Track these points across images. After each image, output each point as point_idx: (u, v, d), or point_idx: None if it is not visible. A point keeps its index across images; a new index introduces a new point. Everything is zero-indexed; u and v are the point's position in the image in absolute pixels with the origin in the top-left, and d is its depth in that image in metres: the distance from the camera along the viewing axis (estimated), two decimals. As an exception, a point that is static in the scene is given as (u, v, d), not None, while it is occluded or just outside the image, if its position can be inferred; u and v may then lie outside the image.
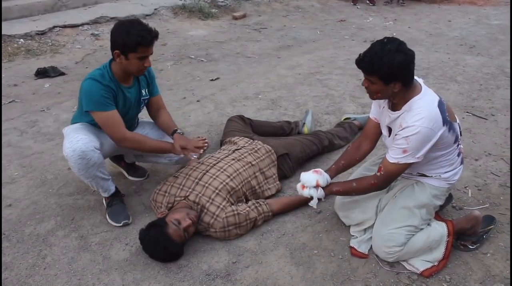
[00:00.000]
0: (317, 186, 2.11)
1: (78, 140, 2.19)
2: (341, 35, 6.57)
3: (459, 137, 2.04)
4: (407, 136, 1.86)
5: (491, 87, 4.36)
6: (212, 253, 2.23)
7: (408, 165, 1.95)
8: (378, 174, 2.01)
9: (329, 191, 2.14)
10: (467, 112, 3.78)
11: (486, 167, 2.94)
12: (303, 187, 2.14)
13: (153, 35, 2.18)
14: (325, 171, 2.18)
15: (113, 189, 2.48)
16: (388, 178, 2.02)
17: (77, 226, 2.44)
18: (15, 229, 2.41)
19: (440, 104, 1.90)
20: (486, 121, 3.62)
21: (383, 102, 2.08)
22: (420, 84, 1.95)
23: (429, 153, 1.94)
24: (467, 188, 2.71)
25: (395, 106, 1.98)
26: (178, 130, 2.46)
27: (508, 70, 4.82)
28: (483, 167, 2.94)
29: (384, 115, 2.07)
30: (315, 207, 2.17)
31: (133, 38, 2.12)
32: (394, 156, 1.94)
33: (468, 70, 4.85)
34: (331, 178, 2.18)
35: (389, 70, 1.78)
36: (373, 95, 1.95)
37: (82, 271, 2.12)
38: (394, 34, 6.56)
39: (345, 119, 3.49)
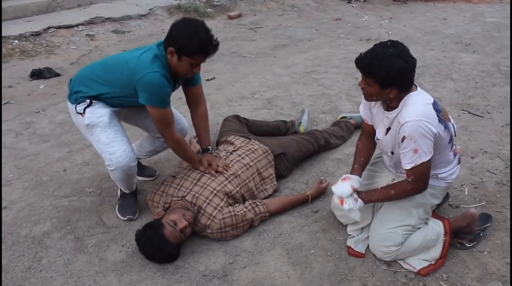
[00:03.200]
0: (354, 191, 2.05)
1: (124, 158, 2.23)
2: (337, 34, 6.57)
3: (453, 137, 2.04)
4: (409, 136, 1.82)
5: (487, 85, 4.36)
6: (209, 253, 2.22)
7: (428, 162, 1.88)
8: (410, 179, 1.94)
9: (368, 200, 2.08)
10: (463, 110, 3.79)
11: (483, 164, 2.95)
12: (342, 201, 2.05)
13: (214, 46, 2.09)
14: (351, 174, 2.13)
15: (134, 187, 2.53)
16: (422, 179, 1.94)
17: (73, 227, 2.42)
18: (10, 232, 2.40)
19: (435, 104, 1.89)
20: (482, 119, 3.62)
21: (374, 104, 2.07)
22: (415, 85, 1.94)
23: None
24: (464, 186, 2.71)
25: (390, 106, 1.96)
26: (210, 151, 2.57)
27: (504, 68, 4.83)
28: (480, 165, 2.94)
29: (380, 117, 2.04)
30: (358, 219, 2.11)
31: (194, 45, 2.04)
32: (408, 161, 1.88)
33: (464, 68, 4.86)
34: (360, 176, 2.14)
35: (386, 75, 1.76)
36: (368, 97, 1.94)
37: (79, 273, 2.11)
38: (390, 32, 6.57)
39: (341, 118, 3.49)
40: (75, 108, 2.27)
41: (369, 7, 8.46)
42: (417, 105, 1.84)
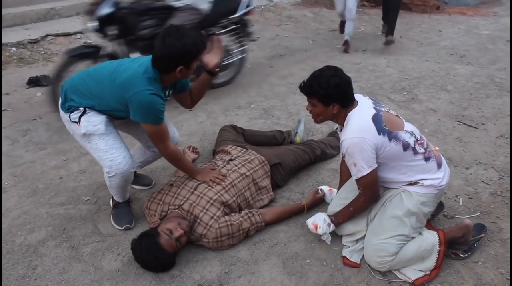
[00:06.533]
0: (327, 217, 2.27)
1: (125, 164, 2.25)
2: (333, 45, 6.60)
3: (412, 144, 2.08)
4: (347, 152, 2.02)
5: (481, 96, 4.41)
6: (205, 263, 2.22)
7: (371, 173, 2.03)
8: (360, 190, 2.14)
9: (338, 222, 2.28)
10: (457, 121, 3.82)
11: (477, 175, 2.97)
12: (316, 226, 2.25)
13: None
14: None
15: (127, 196, 2.54)
16: (368, 189, 2.12)
17: (69, 236, 2.42)
18: (5, 240, 2.39)
19: (375, 116, 2.02)
20: (477, 130, 3.66)
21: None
22: (357, 101, 2.09)
23: (385, 162, 2.06)
24: (458, 197, 2.73)
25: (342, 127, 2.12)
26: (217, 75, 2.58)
27: (498, 79, 4.88)
28: (474, 176, 2.97)
29: None
30: (329, 243, 2.30)
31: (199, 49, 2.13)
32: (353, 174, 2.09)
33: (459, 80, 4.90)
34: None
35: (325, 91, 1.99)
36: (317, 118, 2.14)
37: (74, 282, 2.11)
38: (386, 43, 6.61)
39: (337, 128, 3.50)
40: (69, 117, 2.27)
41: (365, 19, 8.53)
42: (354, 123, 2.03)
